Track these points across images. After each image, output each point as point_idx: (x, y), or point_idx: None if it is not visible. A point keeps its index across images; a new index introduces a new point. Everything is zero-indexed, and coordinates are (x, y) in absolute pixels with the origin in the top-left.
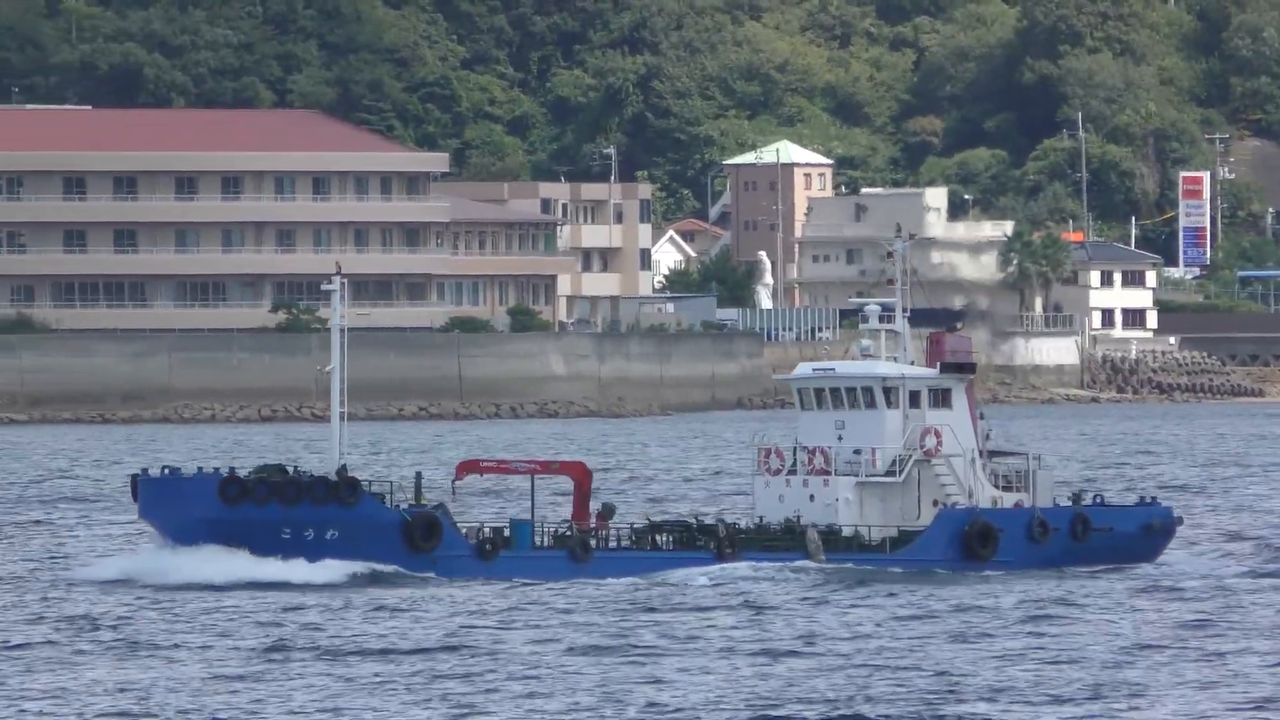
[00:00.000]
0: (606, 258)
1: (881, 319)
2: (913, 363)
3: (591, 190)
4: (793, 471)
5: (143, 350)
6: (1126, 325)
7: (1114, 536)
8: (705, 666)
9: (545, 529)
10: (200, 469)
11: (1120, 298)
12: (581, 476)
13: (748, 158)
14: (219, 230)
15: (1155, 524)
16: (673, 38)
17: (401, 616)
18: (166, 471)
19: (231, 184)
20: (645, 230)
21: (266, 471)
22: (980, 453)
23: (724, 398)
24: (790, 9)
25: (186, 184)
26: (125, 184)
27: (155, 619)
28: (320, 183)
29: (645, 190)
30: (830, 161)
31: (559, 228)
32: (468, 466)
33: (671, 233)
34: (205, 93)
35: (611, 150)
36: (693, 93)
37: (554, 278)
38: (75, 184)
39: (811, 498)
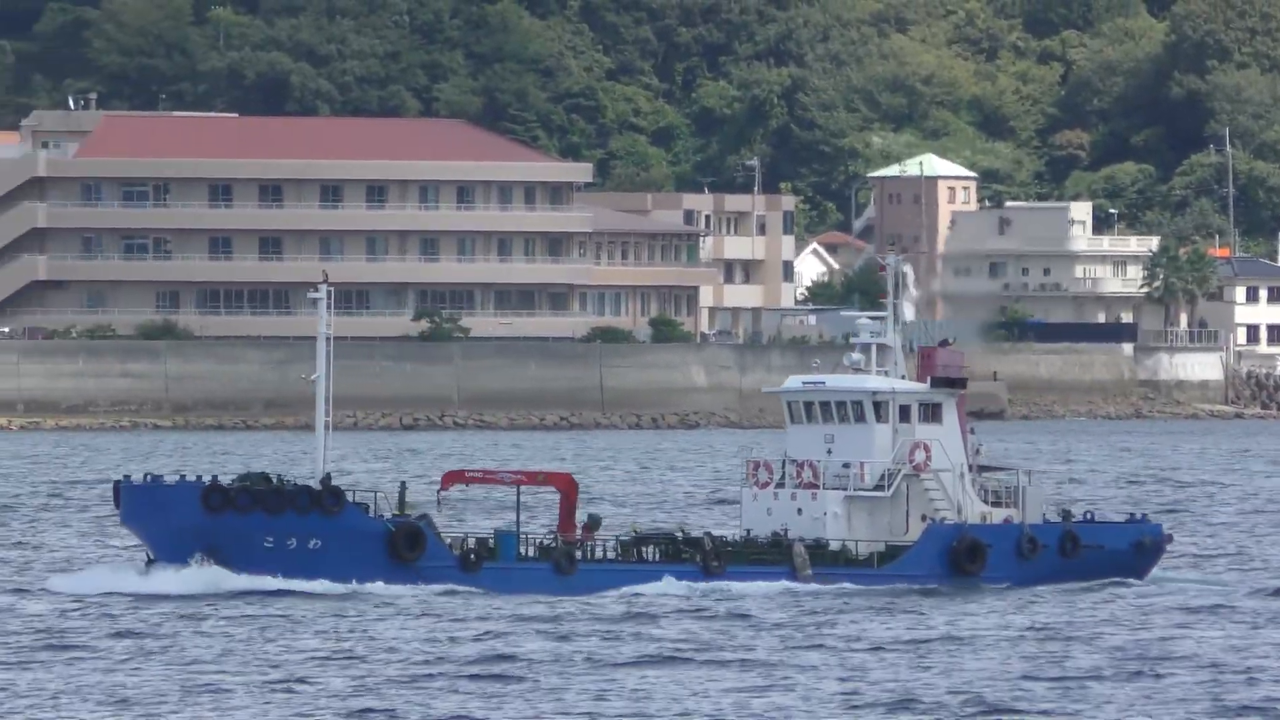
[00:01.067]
0: (749, 269)
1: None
2: (904, 377)
3: (735, 202)
4: (781, 485)
5: (286, 357)
6: (1271, 341)
7: (1104, 553)
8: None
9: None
10: (183, 476)
11: (1265, 313)
12: (567, 488)
13: (892, 170)
14: (363, 238)
15: (1145, 541)
16: (818, 50)
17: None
18: (149, 479)
19: (376, 192)
20: (788, 242)
21: (250, 480)
22: (970, 468)
23: None
24: (937, 22)
25: (332, 192)
26: (271, 192)
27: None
28: (464, 192)
29: (789, 202)
30: (974, 175)
31: (702, 239)
32: (453, 477)
33: (814, 245)
34: (351, 101)
35: (755, 162)
36: (838, 105)
37: (696, 289)
38: (221, 191)
39: (799, 511)
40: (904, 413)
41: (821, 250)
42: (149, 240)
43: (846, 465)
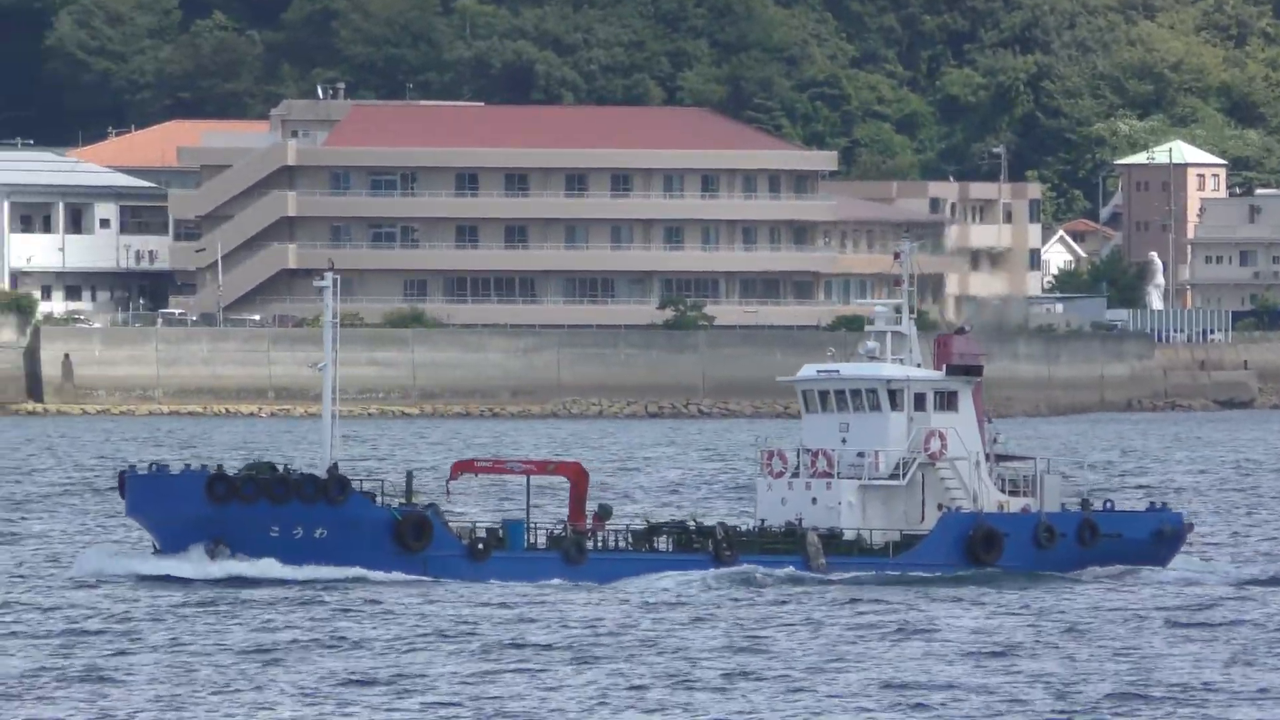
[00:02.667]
0: (995, 258)
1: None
2: (919, 365)
3: (980, 190)
4: (795, 474)
5: (532, 345)
6: None
7: (1123, 542)
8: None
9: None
10: (188, 466)
11: None
12: (577, 477)
13: (1139, 158)
14: (608, 227)
15: (1166, 530)
16: (1064, 36)
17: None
18: (154, 468)
19: (621, 181)
20: (1034, 230)
21: (255, 469)
22: (987, 456)
23: (1113, 399)
24: (1185, 8)
25: (577, 181)
26: (517, 181)
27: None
28: (709, 180)
29: (1035, 190)
30: (1224, 162)
31: (947, 227)
32: (463, 466)
33: (1061, 233)
34: (596, 90)
35: (1001, 149)
36: (1084, 92)
37: (941, 277)
38: (468, 180)
39: (814, 500)
40: (919, 401)
41: (1068, 238)
42: (396, 229)
43: (861, 454)
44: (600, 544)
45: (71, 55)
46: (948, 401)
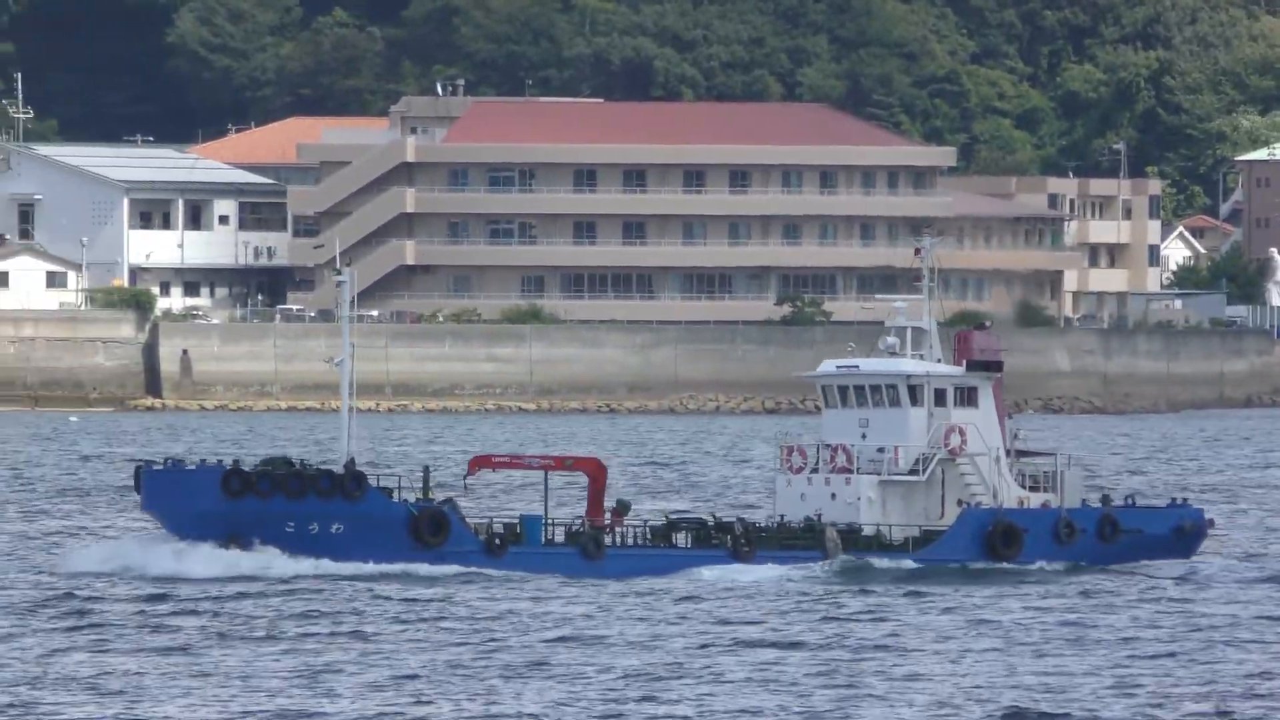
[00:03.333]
0: (1114, 254)
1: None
2: (939, 360)
3: (1100, 186)
4: (815, 469)
5: (649, 341)
6: None
7: (1144, 538)
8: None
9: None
10: (203, 461)
11: None
12: (596, 472)
13: (1260, 154)
14: (726, 223)
15: (1186, 526)
16: (1186, 32)
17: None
18: (170, 463)
19: (739, 177)
20: (1154, 226)
21: (272, 464)
22: (1007, 452)
23: (1232, 395)
24: None
25: (695, 177)
26: (635, 177)
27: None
28: (827, 176)
29: (1155, 186)
30: None
31: (1066, 223)
32: (480, 461)
33: (1181, 229)
34: (715, 86)
35: (1121, 146)
36: (1205, 88)
37: (1060, 273)
38: (586, 176)
39: (833, 496)
40: (939, 396)
41: (1187, 234)
42: (514, 225)
43: (881, 450)
44: (618, 540)
45: (193, 52)
46: (968, 397)
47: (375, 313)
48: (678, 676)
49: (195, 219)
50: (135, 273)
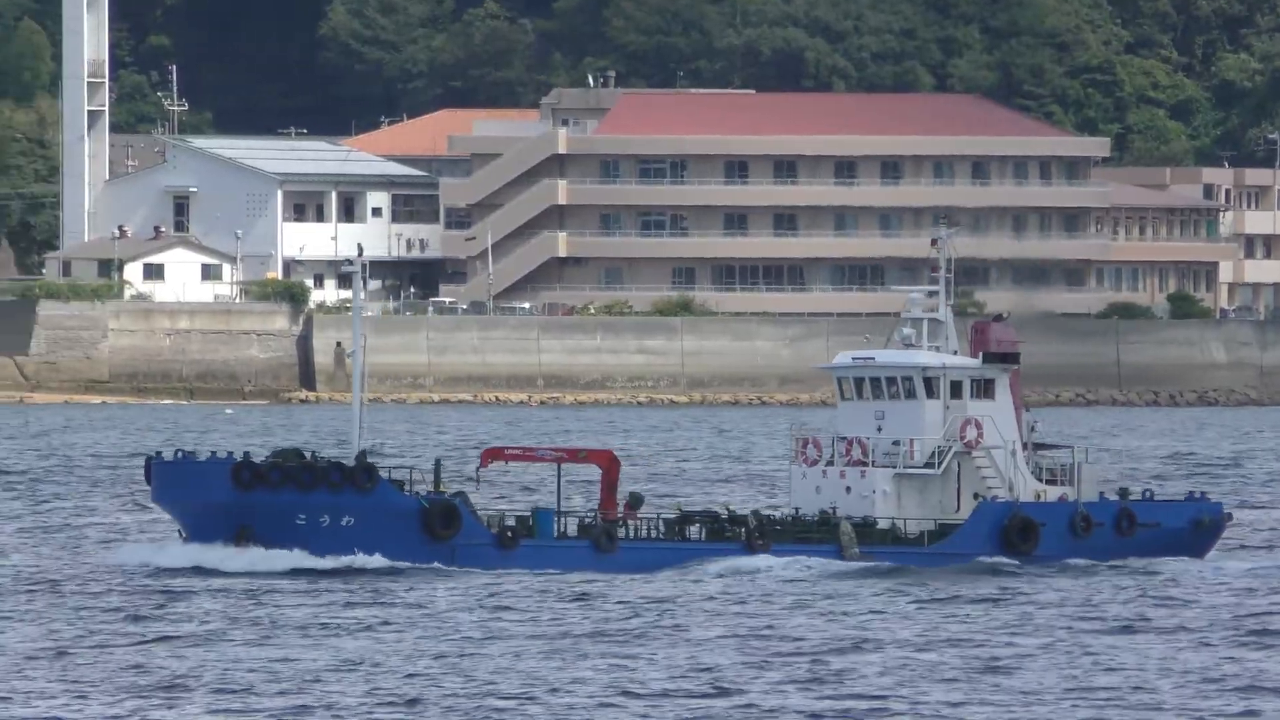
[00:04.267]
0: (1270, 244)
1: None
2: (955, 352)
3: (1256, 176)
4: (830, 462)
5: (801, 333)
6: None
7: (1161, 532)
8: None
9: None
10: (214, 453)
11: None
12: (609, 465)
13: None
14: (877, 214)
15: (1204, 520)
16: None
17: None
18: (180, 455)
19: (891, 169)
20: None
21: (283, 456)
22: (1024, 445)
23: None
24: None
25: (846, 169)
26: (786, 168)
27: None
28: (979, 168)
29: None
30: None
31: (1221, 214)
32: (493, 454)
33: None
34: (866, 77)
35: (1277, 135)
36: None
37: (1215, 264)
38: (737, 168)
39: (848, 489)
40: (955, 389)
41: None
42: (666, 217)
43: (896, 442)
44: (631, 533)
45: (345, 45)
46: (984, 389)
47: (527, 305)
48: (684, 672)
49: (348, 211)
50: (289, 265)
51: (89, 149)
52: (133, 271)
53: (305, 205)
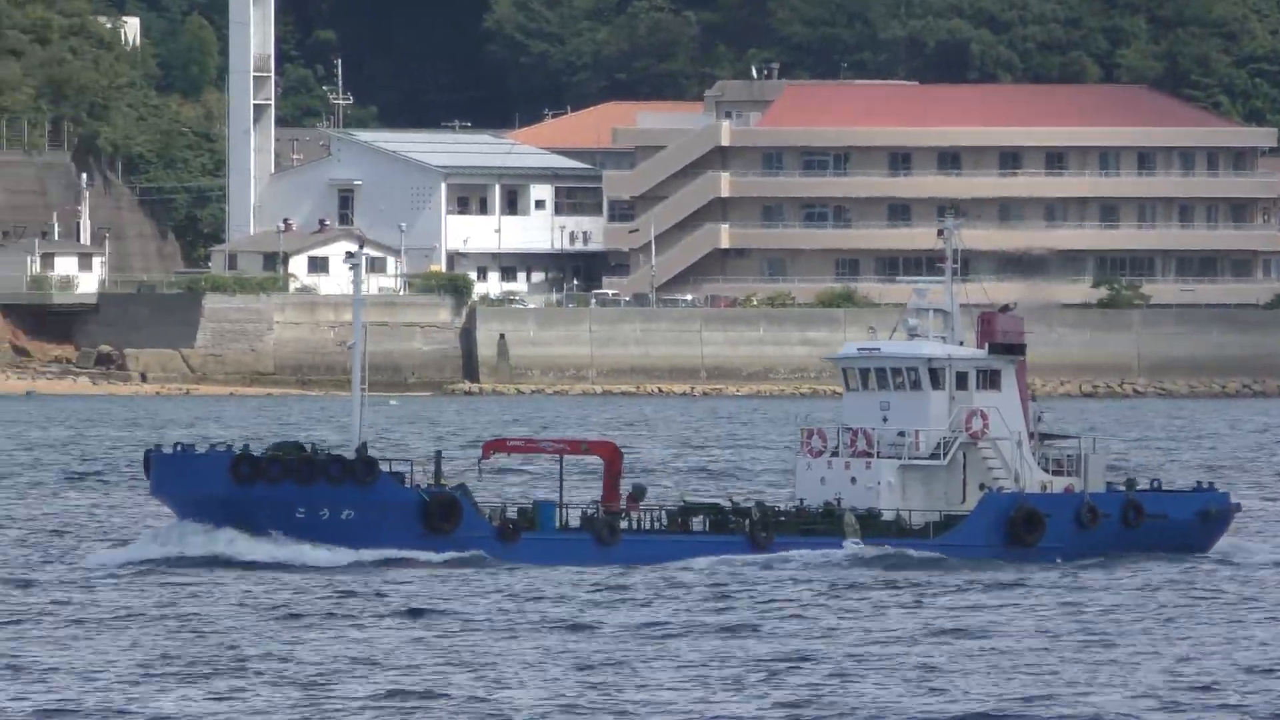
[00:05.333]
0: None
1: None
2: (962, 343)
3: None
4: (835, 453)
5: (965, 324)
6: None
7: (1168, 523)
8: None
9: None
10: (213, 446)
11: None
12: (612, 457)
13: None
14: (1042, 205)
15: (1212, 510)
16: None
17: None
18: (179, 448)
19: (1056, 159)
20: None
21: (282, 449)
22: (1031, 436)
23: None
24: None
25: (1010, 159)
26: (950, 160)
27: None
28: (1145, 158)
29: None
30: None
31: None
32: (495, 446)
33: None
34: (1032, 68)
35: None
36: None
37: None
38: (901, 160)
39: (853, 480)
40: (961, 380)
41: None
42: (829, 209)
43: (902, 433)
44: (634, 525)
45: (510, 38)
46: (990, 380)
47: (689, 297)
48: (689, 664)
49: (512, 204)
50: (453, 258)
51: (255, 143)
52: (297, 265)
53: (469, 198)
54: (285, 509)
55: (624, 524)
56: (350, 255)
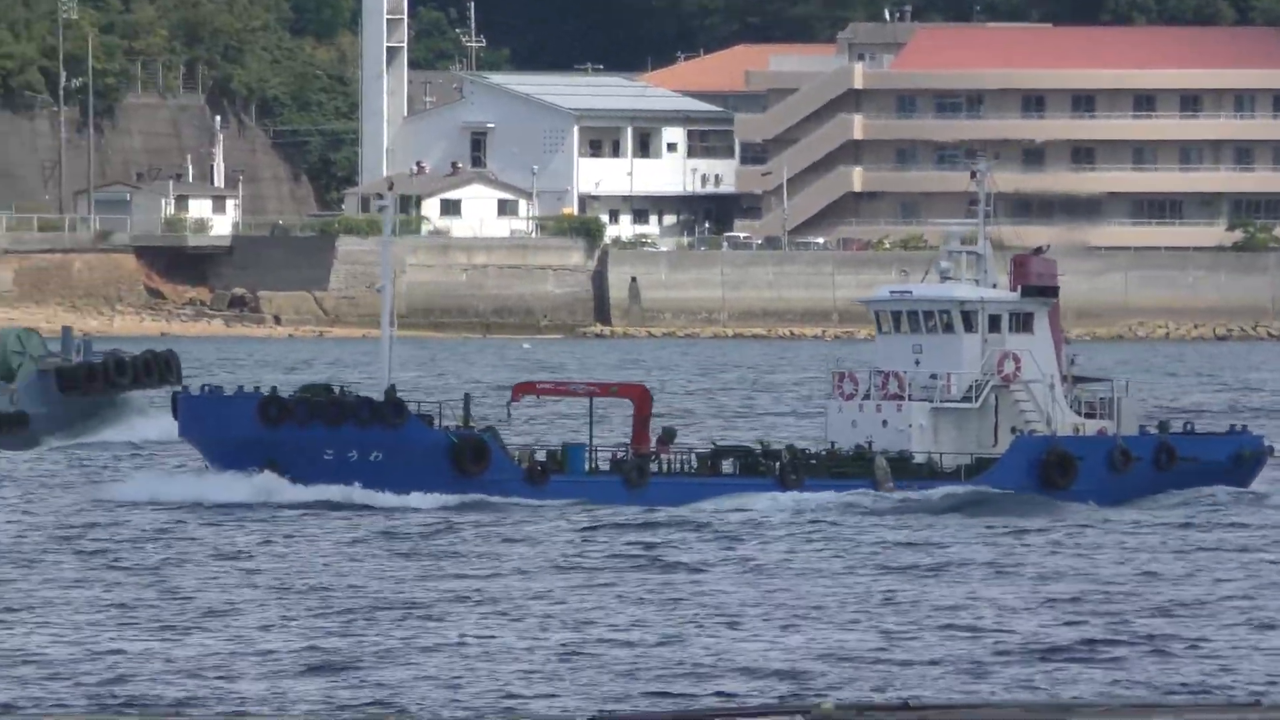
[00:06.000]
0: None
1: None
2: (995, 286)
3: None
4: (867, 396)
5: (1098, 268)
6: None
7: (1201, 466)
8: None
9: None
10: (241, 388)
11: None
12: (641, 399)
13: None
14: (1176, 148)
15: (1246, 453)
16: None
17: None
18: (206, 389)
19: (1191, 102)
20: None
21: (311, 391)
22: (1064, 379)
23: None
24: None
25: (1145, 102)
26: (1083, 103)
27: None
28: None
29: None
30: None
31: None
32: (524, 388)
33: None
34: (1167, 10)
35: None
36: None
37: None
38: (1034, 103)
39: (885, 423)
40: (994, 323)
41: None
42: (961, 152)
43: (934, 376)
44: (664, 467)
45: None
46: (1023, 323)
47: (821, 240)
48: (712, 610)
49: (644, 147)
50: (585, 201)
51: (388, 86)
52: (430, 207)
53: (601, 141)
54: (313, 451)
55: (653, 467)
56: (380, 197)
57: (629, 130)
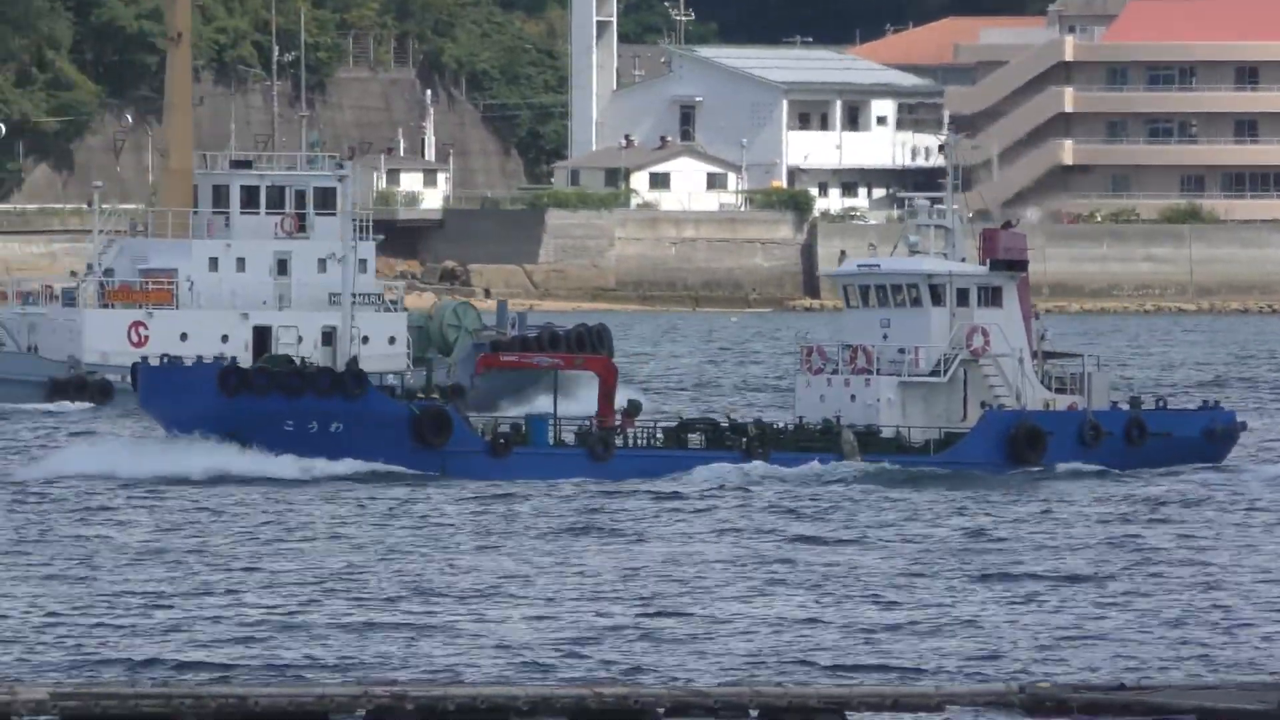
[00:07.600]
0: None
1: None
2: (964, 259)
3: None
4: (835, 371)
5: None
6: None
7: (1172, 441)
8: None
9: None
10: (200, 358)
11: None
12: (605, 372)
13: None
14: None
15: (1217, 429)
16: None
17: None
18: (165, 360)
19: None
20: None
21: (271, 362)
22: (1034, 354)
23: None
24: None
25: None
26: None
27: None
28: None
29: None
30: None
31: None
32: (488, 361)
33: None
34: None
35: None
36: None
37: None
38: (1248, 74)
39: (853, 398)
40: (962, 296)
41: None
42: (1174, 124)
43: (902, 350)
44: (629, 440)
45: None
46: (991, 297)
47: (1031, 212)
48: (676, 582)
49: (853, 120)
50: (794, 174)
51: (597, 59)
52: (639, 180)
53: (810, 114)
54: (273, 422)
55: (618, 440)
56: (340, 165)
57: (838, 103)
